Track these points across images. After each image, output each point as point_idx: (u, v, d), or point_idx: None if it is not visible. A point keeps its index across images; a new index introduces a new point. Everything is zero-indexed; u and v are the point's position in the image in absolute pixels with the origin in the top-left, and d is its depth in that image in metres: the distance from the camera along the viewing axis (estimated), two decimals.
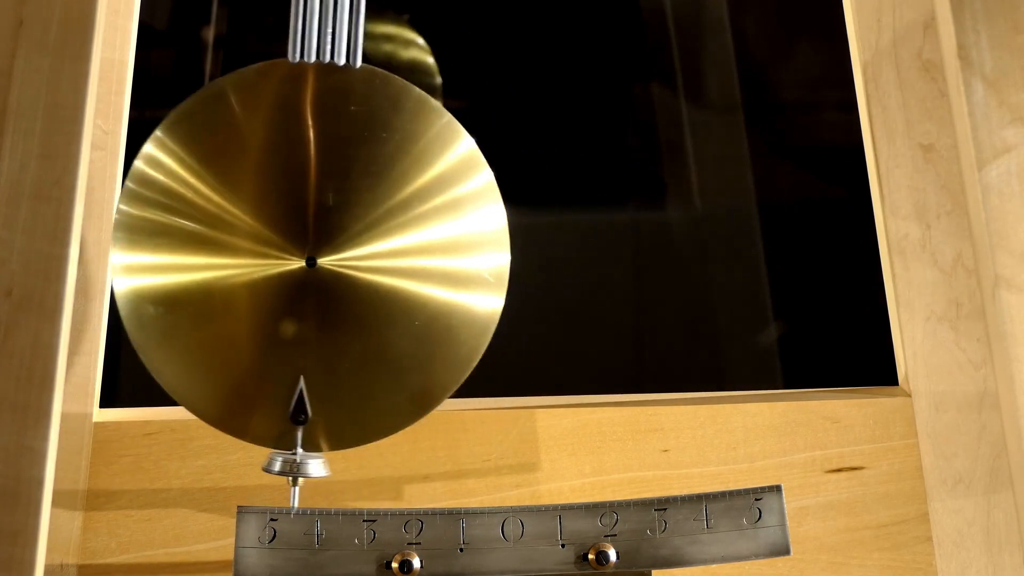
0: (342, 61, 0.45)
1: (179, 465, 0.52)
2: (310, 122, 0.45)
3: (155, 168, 0.45)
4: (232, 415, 0.45)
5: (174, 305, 0.44)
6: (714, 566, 0.49)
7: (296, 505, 0.44)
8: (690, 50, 0.95)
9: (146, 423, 0.53)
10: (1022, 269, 0.47)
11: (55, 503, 0.48)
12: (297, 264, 0.44)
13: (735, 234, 0.89)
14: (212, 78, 0.80)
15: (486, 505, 0.48)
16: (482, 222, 0.46)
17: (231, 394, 0.45)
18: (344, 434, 0.45)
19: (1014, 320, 0.47)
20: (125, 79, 0.58)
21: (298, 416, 0.44)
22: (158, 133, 0.45)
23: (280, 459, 0.45)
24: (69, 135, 0.45)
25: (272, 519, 0.44)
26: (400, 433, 0.53)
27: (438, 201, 0.46)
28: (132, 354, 0.44)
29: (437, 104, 0.46)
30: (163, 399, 0.46)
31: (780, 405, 0.55)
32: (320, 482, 0.53)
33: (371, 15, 0.81)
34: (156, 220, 0.44)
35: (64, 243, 0.44)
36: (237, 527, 0.43)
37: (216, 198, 0.44)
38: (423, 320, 0.45)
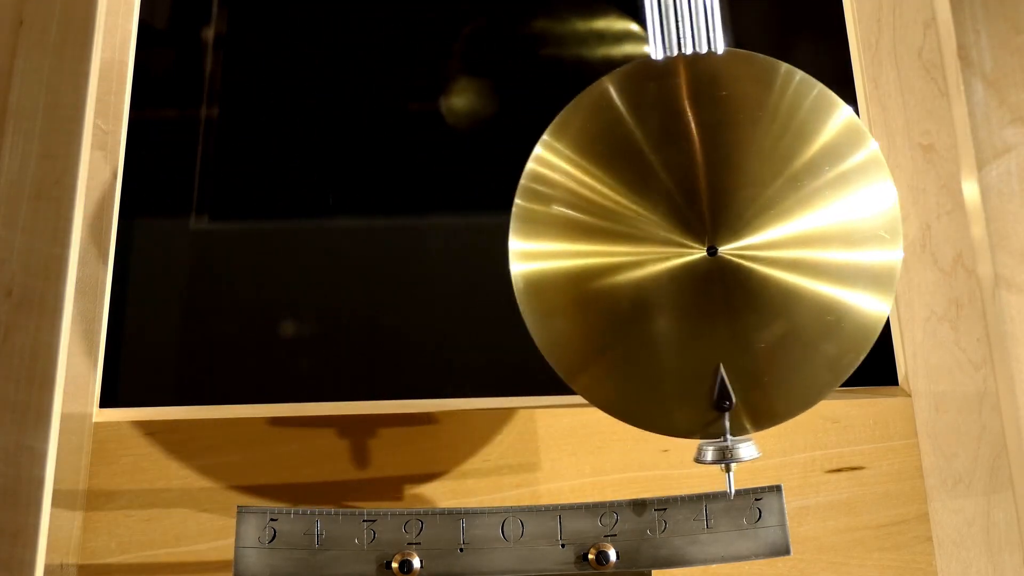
0: (704, 49, 0.46)
1: (179, 465, 0.52)
2: (688, 112, 0.46)
3: (547, 167, 0.46)
4: (646, 408, 0.45)
5: (570, 288, 0.45)
6: (714, 566, 0.49)
7: (733, 490, 0.45)
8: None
9: (146, 423, 0.53)
10: (1022, 269, 0.47)
11: (55, 503, 0.47)
12: (699, 254, 0.45)
13: None
14: (212, 78, 0.80)
15: (486, 505, 0.48)
16: (873, 200, 0.46)
17: (643, 387, 0.45)
18: (769, 412, 0.45)
19: (1014, 320, 0.47)
20: (125, 79, 0.58)
21: (722, 403, 0.44)
22: (546, 138, 0.46)
23: (712, 448, 0.44)
24: (69, 135, 0.45)
25: (272, 519, 0.44)
26: (401, 433, 0.54)
27: (828, 175, 0.45)
28: (132, 354, 0.44)
29: (805, 76, 0.46)
30: (163, 399, 0.46)
31: None
32: (320, 482, 0.53)
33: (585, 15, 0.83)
34: (551, 213, 0.45)
35: (64, 243, 0.44)
36: (237, 527, 0.43)
37: (610, 193, 0.45)
38: (827, 292, 0.45)
